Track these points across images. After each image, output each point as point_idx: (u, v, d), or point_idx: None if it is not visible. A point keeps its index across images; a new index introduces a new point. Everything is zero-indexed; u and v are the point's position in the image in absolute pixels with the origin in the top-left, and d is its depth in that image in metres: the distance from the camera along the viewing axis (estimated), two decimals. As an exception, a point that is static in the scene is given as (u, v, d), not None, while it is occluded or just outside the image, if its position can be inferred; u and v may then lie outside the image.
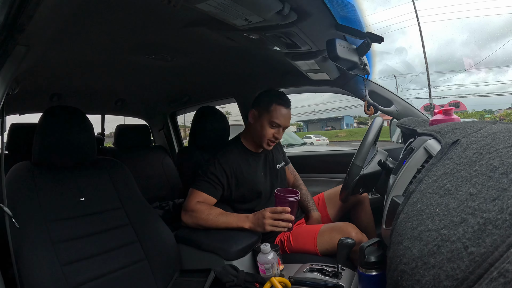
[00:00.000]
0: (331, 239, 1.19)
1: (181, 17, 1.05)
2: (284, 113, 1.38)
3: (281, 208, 1.14)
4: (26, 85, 1.62)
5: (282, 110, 1.37)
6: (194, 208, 1.25)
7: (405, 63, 71.96)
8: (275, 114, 1.36)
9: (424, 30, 44.26)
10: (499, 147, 0.44)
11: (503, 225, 0.29)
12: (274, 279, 0.93)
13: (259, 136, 1.40)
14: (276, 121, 1.36)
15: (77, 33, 1.08)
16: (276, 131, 1.39)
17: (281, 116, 1.37)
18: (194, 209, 1.25)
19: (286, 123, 1.40)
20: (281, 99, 1.37)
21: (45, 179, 1.06)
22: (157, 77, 1.86)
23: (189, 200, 1.28)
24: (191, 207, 1.26)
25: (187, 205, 1.28)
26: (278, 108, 1.36)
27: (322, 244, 1.21)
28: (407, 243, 0.43)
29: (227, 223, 1.21)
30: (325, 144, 19.50)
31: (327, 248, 1.20)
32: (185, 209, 1.28)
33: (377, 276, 0.80)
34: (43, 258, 0.91)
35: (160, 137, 2.97)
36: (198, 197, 1.28)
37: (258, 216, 1.18)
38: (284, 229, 1.16)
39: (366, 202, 1.53)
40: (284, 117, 1.38)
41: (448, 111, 1.07)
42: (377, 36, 1.13)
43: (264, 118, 1.38)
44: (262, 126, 1.38)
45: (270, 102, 1.36)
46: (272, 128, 1.38)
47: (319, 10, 0.96)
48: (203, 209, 1.24)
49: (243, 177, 1.37)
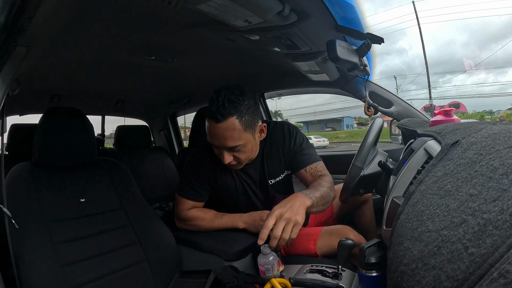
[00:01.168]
0: (331, 242, 1.18)
1: (182, 18, 1.05)
2: (212, 130, 1.03)
3: None
4: (26, 86, 1.62)
5: (211, 127, 1.04)
6: (186, 217, 1.22)
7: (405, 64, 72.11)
8: (207, 131, 1.06)
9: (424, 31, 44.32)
10: (499, 148, 0.44)
11: (504, 226, 0.29)
12: (274, 280, 0.93)
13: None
14: (209, 140, 1.08)
15: (77, 34, 1.09)
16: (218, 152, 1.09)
17: (210, 134, 1.06)
18: (186, 218, 1.22)
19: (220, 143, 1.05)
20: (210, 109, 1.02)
21: (45, 180, 1.06)
22: (157, 78, 1.86)
23: (178, 208, 1.24)
24: (182, 216, 1.23)
25: (178, 213, 1.24)
26: (207, 123, 1.05)
27: (321, 248, 1.19)
28: (407, 244, 0.43)
29: (222, 225, 1.19)
30: (325, 146, 19.52)
31: (327, 251, 1.18)
32: (177, 217, 1.25)
33: (377, 277, 0.80)
34: (43, 259, 0.91)
35: (160, 138, 2.97)
36: (186, 205, 1.23)
37: (254, 217, 1.16)
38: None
39: (370, 201, 1.50)
40: (214, 135, 1.04)
41: (448, 112, 1.07)
42: (377, 37, 1.13)
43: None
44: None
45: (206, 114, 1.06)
46: (214, 147, 1.10)
47: (319, 11, 0.97)
48: (196, 216, 1.21)
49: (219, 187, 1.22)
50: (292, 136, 1.23)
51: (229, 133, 1.02)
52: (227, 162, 1.08)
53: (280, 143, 1.22)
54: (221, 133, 1.02)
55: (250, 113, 1.06)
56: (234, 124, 1.02)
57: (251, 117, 1.06)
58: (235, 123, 1.02)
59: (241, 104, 1.03)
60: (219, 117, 1.00)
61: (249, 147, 1.10)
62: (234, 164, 1.12)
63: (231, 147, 1.05)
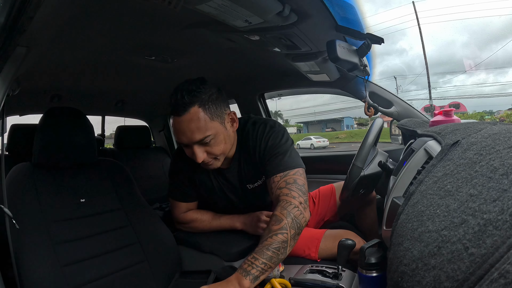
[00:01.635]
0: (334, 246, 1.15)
1: (182, 19, 1.05)
2: (177, 126, 0.96)
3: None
4: (26, 86, 1.62)
5: (174, 122, 0.97)
6: (183, 220, 1.22)
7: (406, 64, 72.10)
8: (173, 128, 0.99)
9: (424, 31, 44.36)
10: (499, 148, 0.44)
11: (504, 226, 0.29)
12: (274, 280, 0.93)
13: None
14: (177, 139, 1.00)
15: (77, 34, 1.09)
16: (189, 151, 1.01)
17: (176, 132, 0.98)
18: (184, 221, 1.22)
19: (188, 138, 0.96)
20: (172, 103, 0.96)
21: (45, 180, 1.07)
22: (157, 78, 1.86)
23: (174, 212, 1.23)
24: (180, 219, 1.23)
25: (175, 217, 1.24)
26: (173, 120, 0.97)
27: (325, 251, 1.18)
28: (407, 244, 0.43)
29: (220, 226, 1.19)
30: (325, 146, 19.54)
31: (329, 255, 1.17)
32: (176, 221, 1.25)
33: (377, 277, 0.80)
34: (43, 259, 0.91)
35: (161, 138, 2.97)
36: (180, 208, 1.21)
37: (252, 218, 1.15)
38: None
39: (374, 202, 1.48)
40: (180, 131, 0.96)
41: (448, 112, 1.07)
42: (377, 37, 1.13)
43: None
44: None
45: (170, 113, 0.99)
46: (185, 147, 1.02)
47: (319, 11, 0.97)
48: (193, 219, 1.21)
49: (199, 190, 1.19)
50: (265, 136, 1.08)
51: (195, 124, 0.94)
52: (201, 160, 0.98)
53: (255, 145, 1.09)
54: (186, 127, 0.94)
55: (214, 100, 0.99)
56: (197, 113, 0.94)
57: (215, 104, 0.99)
58: (199, 112, 0.95)
59: (201, 92, 0.97)
60: (180, 109, 0.93)
61: (220, 138, 1.00)
62: (210, 163, 1.03)
63: (200, 140, 0.96)
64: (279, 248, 0.87)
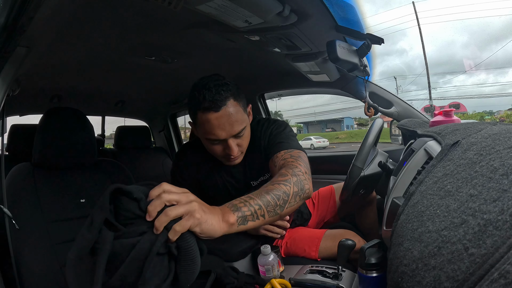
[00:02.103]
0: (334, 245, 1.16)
1: (182, 19, 1.05)
2: (215, 122, 0.91)
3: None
4: (26, 86, 1.62)
5: (212, 120, 0.91)
6: None
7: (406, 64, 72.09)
8: (204, 127, 0.94)
9: (425, 31, 44.35)
10: (499, 148, 0.44)
11: (504, 226, 0.29)
12: (275, 280, 0.93)
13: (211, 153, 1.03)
14: (211, 137, 0.95)
15: (77, 34, 1.09)
16: (224, 146, 0.98)
17: (214, 129, 0.92)
18: None
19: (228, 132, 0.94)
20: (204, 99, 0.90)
21: (45, 180, 1.07)
22: (157, 78, 1.86)
23: None
24: None
25: None
26: (206, 119, 0.92)
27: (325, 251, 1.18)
28: (407, 244, 0.43)
29: None
30: (325, 146, 19.54)
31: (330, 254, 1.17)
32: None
33: (377, 278, 0.80)
34: (43, 259, 0.91)
35: (161, 138, 2.97)
36: None
37: None
38: (277, 235, 1.08)
39: (375, 202, 1.48)
40: (219, 127, 0.92)
41: (448, 113, 1.07)
42: (377, 37, 1.13)
43: (199, 133, 0.99)
44: (205, 144, 1.01)
45: (195, 110, 0.94)
46: (216, 144, 0.98)
47: (319, 12, 0.97)
48: None
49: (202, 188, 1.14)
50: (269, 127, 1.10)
51: (234, 117, 0.93)
52: (236, 153, 0.98)
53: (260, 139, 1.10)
54: (226, 121, 0.92)
55: (240, 92, 0.98)
56: (234, 106, 0.94)
57: (241, 96, 0.98)
58: (235, 105, 0.94)
59: (230, 85, 0.95)
60: (218, 104, 0.90)
61: (248, 130, 1.01)
62: (238, 156, 1.02)
63: (238, 132, 0.95)
64: (280, 197, 0.77)
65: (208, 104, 0.90)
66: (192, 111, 0.95)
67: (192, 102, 0.94)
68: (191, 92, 0.95)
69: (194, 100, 0.93)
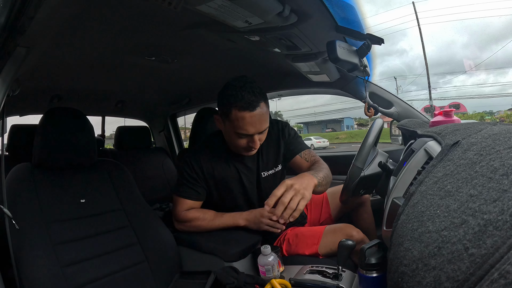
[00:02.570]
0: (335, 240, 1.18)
1: (182, 19, 1.05)
2: (250, 120, 1.07)
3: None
4: (26, 86, 1.62)
5: (246, 118, 1.06)
6: (185, 218, 1.21)
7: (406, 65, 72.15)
8: (237, 123, 1.08)
9: (425, 32, 44.40)
10: (499, 149, 0.44)
11: (504, 226, 0.29)
12: (275, 280, 0.93)
13: (232, 145, 1.18)
14: (241, 131, 1.09)
15: (77, 35, 1.09)
16: (249, 140, 1.12)
17: (247, 125, 1.08)
18: (185, 219, 1.21)
19: (258, 128, 1.10)
20: (242, 100, 1.05)
21: (45, 181, 1.07)
22: (157, 78, 1.86)
23: (176, 210, 1.22)
24: (182, 218, 1.21)
25: (177, 215, 1.23)
26: (241, 116, 1.06)
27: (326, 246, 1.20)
28: (407, 244, 0.43)
29: (222, 224, 1.19)
30: (325, 146, 19.53)
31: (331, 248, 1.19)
32: (176, 219, 1.24)
33: (377, 278, 0.80)
34: (43, 259, 0.91)
35: (161, 138, 2.97)
36: (184, 206, 1.21)
37: (255, 214, 1.17)
38: (278, 230, 1.14)
39: (367, 203, 1.51)
40: (252, 124, 1.08)
41: (448, 113, 1.07)
42: (377, 37, 1.13)
43: (228, 126, 1.12)
44: (230, 135, 1.14)
45: (229, 107, 1.07)
46: (242, 138, 1.12)
47: (319, 12, 0.97)
48: (195, 217, 1.20)
49: (216, 180, 1.23)
50: (285, 128, 1.33)
51: (263, 117, 1.10)
52: (258, 146, 1.15)
53: (276, 134, 1.30)
54: (257, 119, 1.08)
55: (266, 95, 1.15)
56: (264, 107, 1.10)
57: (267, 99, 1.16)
58: (265, 106, 1.11)
59: (261, 88, 1.11)
60: (253, 105, 1.06)
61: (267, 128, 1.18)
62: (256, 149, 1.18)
63: (264, 129, 1.13)
64: (326, 175, 1.17)
65: (245, 104, 1.05)
66: (225, 107, 1.09)
67: (227, 100, 1.08)
68: (225, 90, 1.10)
69: (230, 98, 1.07)
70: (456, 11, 37.78)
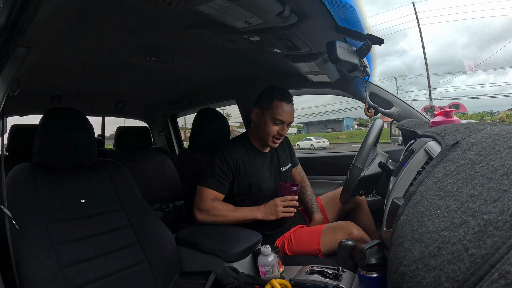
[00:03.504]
0: (335, 236, 1.20)
1: (182, 19, 1.05)
2: (286, 109, 1.37)
3: (291, 197, 1.28)
4: (26, 86, 1.62)
5: (284, 106, 1.36)
6: (210, 207, 1.29)
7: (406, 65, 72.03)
8: (277, 110, 1.35)
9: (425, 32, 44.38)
10: (499, 149, 0.44)
11: (504, 226, 0.29)
12: (275, 281, 0.93)
13: (263, 133, 1.39)
14: (279, 117, 1.35)
15: (77, 35, 1.09)
16: (280, 128, 1.38)
17: (284, 112, 1.36)
18: (210, 208, 1.29)
19: (290, 118, 1.39)
20: (282, 94, 1.36)
21: (45, 181, 1.06)
22: (157, 79, 1.86)
23: (202, 199, 1.30)
24: (206, 207, 1.29)
25: (201, 204, 1.30)
26: (280, 104, 1.35)
27: (326, 243, 1.22)
28: (407, 245, 0.43)
29: (243, 216, 1.29)
30: (325, 147, 19.53)
31: (331, 246, 1.21)
32: (200, 208, 1.31)
33: (377, 278, 0.80)
34: (43, 259, 0.91)
35: (161, 139, 2.97)
36: (210, 195, 1.30)
37: (270, 205, 1.29)
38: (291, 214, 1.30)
39: (364, 205, 1.54)
40: (287, 113, 1.37)
41: (448, 113, 1.07)
42: (377, 38, 1.13)
43: (266, 116, 1.37)
44: (265, 123, 1.37)
45: (272, 99, 1.36)
46: (276, 125, 1.37)
47: (319, 12, 0.97)
48: (220, 207, 1.30)
49: (246, 173, 1.38)
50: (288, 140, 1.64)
51: (293, 112, 1.40)
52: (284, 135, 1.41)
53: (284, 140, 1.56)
54: (291, 110, 1.38)
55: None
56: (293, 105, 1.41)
57: None
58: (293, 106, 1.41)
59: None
60: (290, 99, 1.38)
61: None
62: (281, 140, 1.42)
63: (291, 122, 1.41)
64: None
65: (285, 97, 1.36)
66: (266, 99, 1.37)
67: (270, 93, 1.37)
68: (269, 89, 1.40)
69: (273, 92, 1.37)
70: (456, 11, 37.76)
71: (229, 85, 2.07)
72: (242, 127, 3.82)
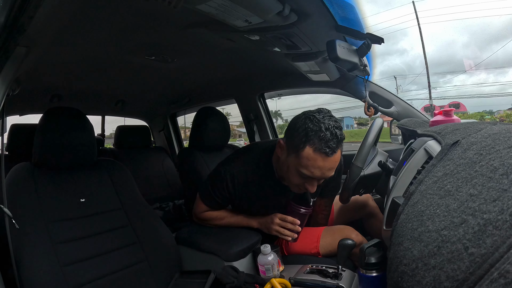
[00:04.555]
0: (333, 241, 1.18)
1: (181, 18, 1.05)
2: (321, 164, 0.95)
3: (291, 219, 1.12)
4: (26, 86, 1.62)
5: (319, 161, 0.94)
6: (204, 217, 1.27)
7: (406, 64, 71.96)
8: (305, 162, 0.95)
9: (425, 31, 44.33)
10: (499, 148, 0.44)
11: (504, 226, 0.29)
12: (274, 280, 0.93)
13: (284, 177, 1.08)
14: (306, 172, 0.97)
15: (77, 34, 1.09)
16: (308, 182, 1.01)
17: (314, 168, 0.96)
18: (204, 218, 1.27)
19: (325, 174, 0.98)
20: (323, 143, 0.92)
21: (45, 180, 1.06)
22: (157, 78, 1.86)
23: (197, 209, 1.27)
24: (201, 217, 1.27)
25: (196, 213, 1.29)
26: (312, 156, 0.94)
27: (325, 247, 1.21)
28: (407, 244, 0.43)
29: (237, 223, 1.24)
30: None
31: (330, 250, 1.19)
32: (195, 216, 1.30)
33: (377, 277, 0.80)
34: (43, 258, 0.91)
35: (160, 138, 2.97)
36: (204, 208, 1.25)
37: (266, 219, 1.18)
38: (288, 238, 1.14)
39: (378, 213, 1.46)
40: (321, 169, 0.96)
41: (448, 112, 1.07)
42: (377, 37, 1.13)
43: (291, 160, 1.00)
44: (288, 169, 1.02)
45: (304, 142, 0.94)
46: (302, 178, 1.00)
47: (319, 11, 0.96)
48: (213, 217, 1.26)
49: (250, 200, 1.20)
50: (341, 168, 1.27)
51: (335, 165, 0.99)
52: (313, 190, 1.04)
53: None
54: (329, 166, 0.97)
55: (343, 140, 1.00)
56: (339, 154, 0.98)
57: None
58: (340, 154, 0.99)
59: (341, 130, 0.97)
60: (331, 152, 0.94)
61: None
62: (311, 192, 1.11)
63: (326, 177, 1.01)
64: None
65: (324, 149, 0.92)
66: (298, 140, 0.95)
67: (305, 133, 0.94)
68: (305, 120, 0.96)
69: (309, 132, 0.93)
70: (456, 11, 37.73)
71: (229, 84, 2.07)
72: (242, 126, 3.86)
